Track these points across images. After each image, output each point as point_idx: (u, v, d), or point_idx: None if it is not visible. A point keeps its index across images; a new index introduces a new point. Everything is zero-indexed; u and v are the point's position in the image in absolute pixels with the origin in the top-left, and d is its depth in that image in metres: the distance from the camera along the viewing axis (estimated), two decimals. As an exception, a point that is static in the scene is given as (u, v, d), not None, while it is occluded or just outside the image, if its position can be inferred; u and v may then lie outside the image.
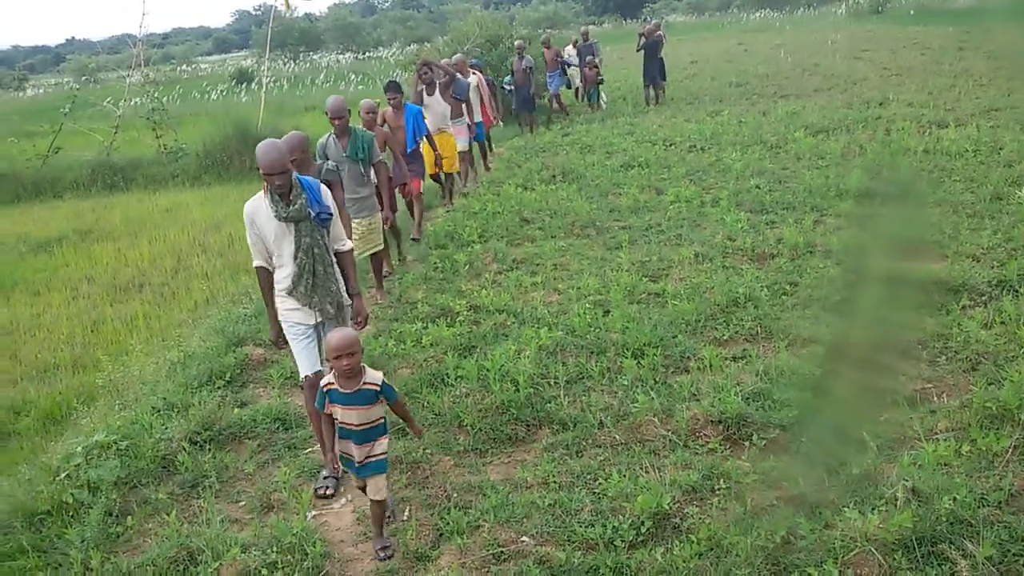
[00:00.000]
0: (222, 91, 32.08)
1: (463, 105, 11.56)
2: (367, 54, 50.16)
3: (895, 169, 9.94)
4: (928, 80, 17.56)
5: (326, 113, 7.18)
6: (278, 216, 4.60)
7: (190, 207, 13.57)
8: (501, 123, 16.23)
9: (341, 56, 50.24)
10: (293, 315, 4.83)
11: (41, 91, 45.54)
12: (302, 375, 4.81)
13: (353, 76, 32.86)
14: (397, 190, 8.74)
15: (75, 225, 12.91)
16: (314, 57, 50.97)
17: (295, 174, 4.64)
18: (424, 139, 9.46)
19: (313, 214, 4.65)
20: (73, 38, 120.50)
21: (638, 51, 18.99)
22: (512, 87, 16.77)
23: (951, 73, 18.30)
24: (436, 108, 10.56)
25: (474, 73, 12.62)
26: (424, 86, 10.43)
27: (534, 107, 17.19)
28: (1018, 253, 6.82)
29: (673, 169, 11.68)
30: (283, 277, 4.76)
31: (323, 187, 4.81)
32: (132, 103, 21.73)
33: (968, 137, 11.20)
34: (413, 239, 9.36)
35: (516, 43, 17.24)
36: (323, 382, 4.04)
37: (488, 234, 9.39)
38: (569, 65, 18.87)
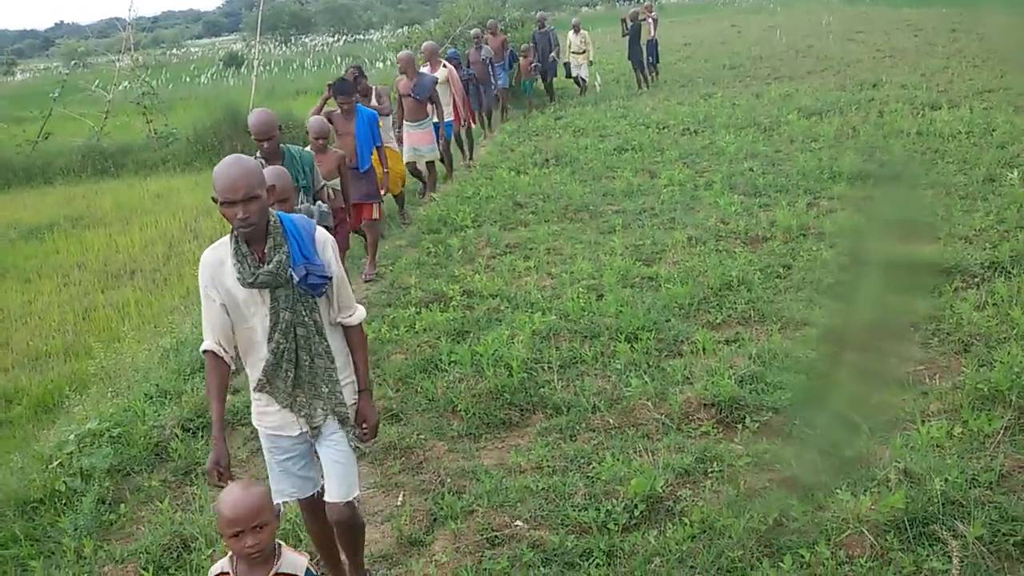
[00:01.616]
0: (212, 75, 31.89)
1: (427, 105, 10.07)
2: (358, 37, 49.88)
3: (888, 151, 9.96)
4: (921, 62, 17.53)
5: (249, 132, 5.59)
6: (242, 280, 3.12)
7: (181, 192, 13.50)
8: (490, 127, 15.37)
9: (332, 39, 49.95)
10: (267, 420, 3.39)
11: (30, 76, 45.27)
12: (275, 501, 3.06)
13: (340, 59, 32.66)
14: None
15: (66, 211, 12.84)
16: (305, 40, 50.68)
17: (278, 213, 3.23)
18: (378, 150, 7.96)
19: (296, 278, 3.14)
20: (62, 22, 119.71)
21: (624, 36, 18.91)
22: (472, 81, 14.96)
23: (944, 55, 18.27)
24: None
25: (445, 66, 11.21)
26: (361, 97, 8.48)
27: (493, 101, 15.60)
28: (1010, 235, 6.82)
29: (666, 152, 11.65)
30: (254, 365, 3.32)
31: (320, 233, 3.29)
32: (122, 87, 21.59)
33: (961, 119, 11.19)
34: (366, 279, 7.91)
35: (472, 32, 15.29)
36: (213, 572, 2.80)
37: (481, 219, 9.37)
38: (516, 60, 17.08)
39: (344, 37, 50.49)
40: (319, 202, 5.05)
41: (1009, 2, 4.86)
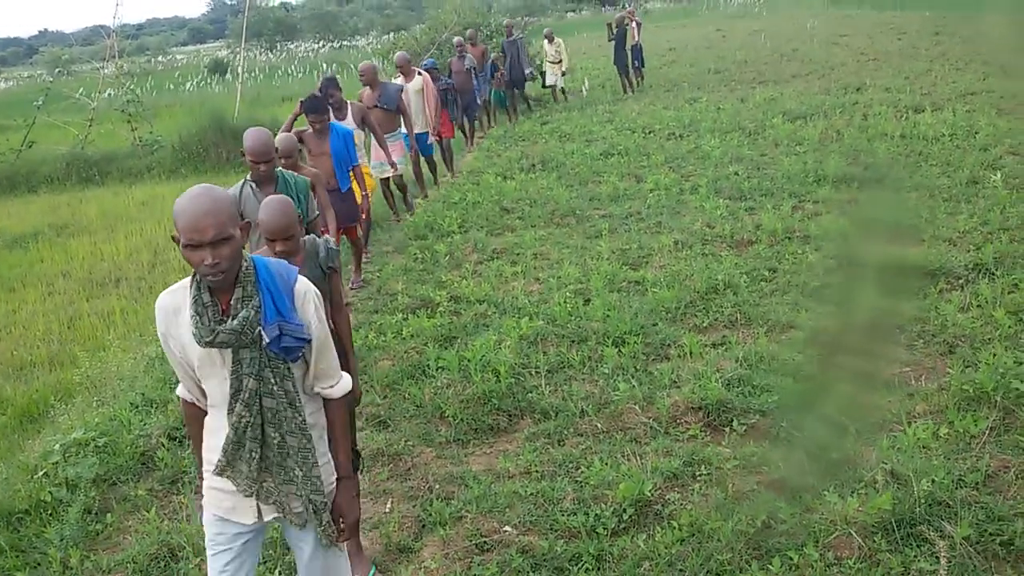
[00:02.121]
0: (197, 82, 31.80)
1: (396, 116, 9.45)
2: (344, 43, 49.83)
3: (872, 154, 10.02)
4: (905, 65, 17.64)
5: (242, 154, 5.17)
6: (198, 337, 2.52)
7: (166, 200, 13.43)
8: (470, 140, 14.72)
9: (317, 45, 49.88)
10: (218, 501, 2.76)
11: (13, 84, 45.04)
12: None
13: (325, 66, 32.63)
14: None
15: (50, 220, 12.76)
16: (290, 46, 50.60)
17: (253, 257, 2.65)
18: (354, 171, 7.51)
19: (267, 339, 2.55)
20: (46, 30, 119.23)
21: (610, 41, 18.97)
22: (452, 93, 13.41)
23: (927, 58, 18.39)
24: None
25: (420, 74, 10.60)
26: (333, 111, 7.86)
27: (475, 114, 14.97)
28: (994, 237, 6.87)
29: (652, 157, 11.68)
30: (212, 438, 2.73)
31: (301, 285, 2.67)
32: (106, 95, 21.49)
33: (944, 121, 11.27)
34: (353, 287, 7.77)
35: (455, 40, 14.63)
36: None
37: (468, 224, 9.37)
38: (498, 70, 16.34)
39: (330, 43, 50.44)
40: (326, 236, 4.33)
41: (991, 6, 4.90)
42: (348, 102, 8.36)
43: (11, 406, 6.36)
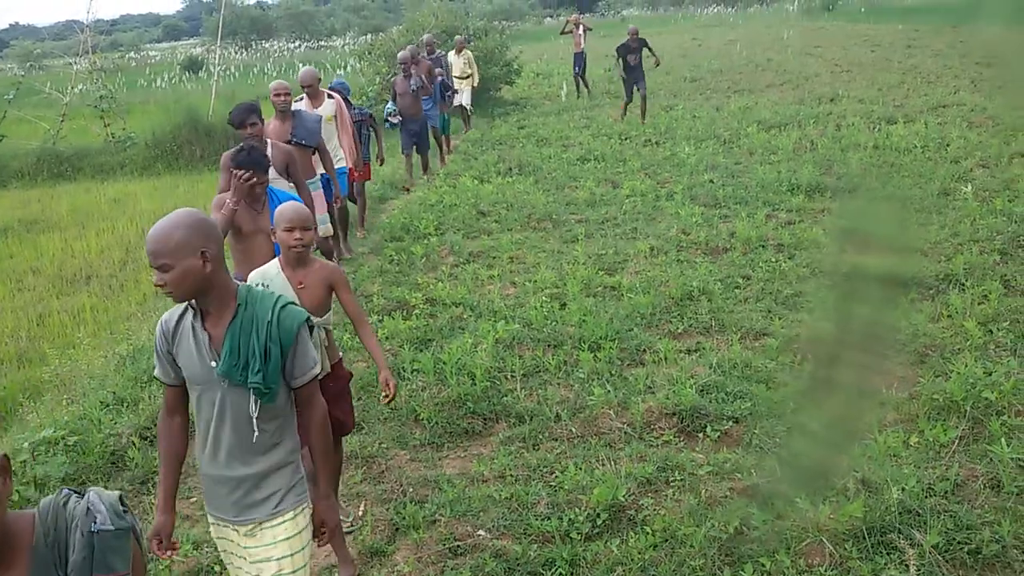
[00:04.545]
0: (170, 79, 31.51)
1: (311, 154, 7.09)
2: (320, 43, 49.62)
3: (845, 164, 10.12)
4: (878, 77, 17.86)
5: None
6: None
7: (139, 197, 13.30)
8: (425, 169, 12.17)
9: (293, 45, 49.63)
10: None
11: (-17, 77, 44.33)
12: None
13: (300, 65, 32.43)
14: None
15: (20, 215, 12.59)
16: (265, 45, 50.28)
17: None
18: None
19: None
20: (17, 23, 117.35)
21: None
22: (396, 118, 10.87)
23: (900, 70, 18.63)
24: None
25: (331, 97, 8.10)
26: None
27: (428, 144, 12.05)
28: (964, 248, 6.96)
29: (628, 163, 11.74)
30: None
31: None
32: (79, 90, 21.24)
33: (916, 133, 11.42)
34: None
35: (399, 55, 11.52)
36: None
37: (444, 227, 9.35)
38: (449, 90, 13.57)
39: (306, 43, 50.21)
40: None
41: (965, 19, 4.98)
42: (269, 141, 6.12)
43: (-22, 404, 6.27)
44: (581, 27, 19.78)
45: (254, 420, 2.69)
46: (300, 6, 60.46)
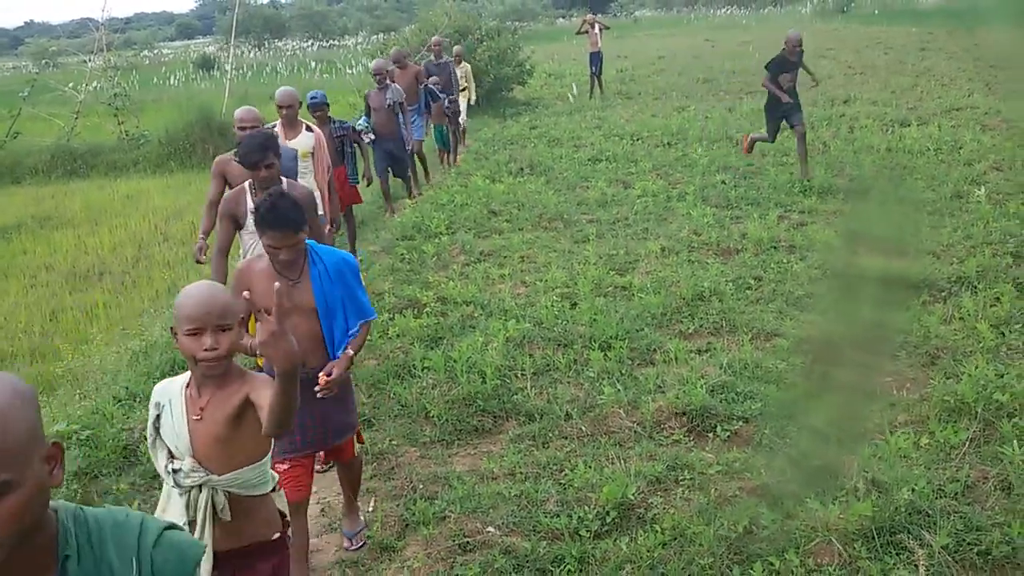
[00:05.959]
0: (184, 77, 31.65)
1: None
2: (333, 43, 49.73)
3: (858, 166, 10.10)
4: (891, 79, 17.80)
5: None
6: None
7: (151, 194, 13.37)
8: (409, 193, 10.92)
9: (306, 44, 49.76)
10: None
11: (-2, 74, 44.61)
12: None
13: (314, 64, 32.57)
14: None
15: (34, 211, 12.66)
16: (278, 44, 50.44)
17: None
18: None
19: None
20: (32, 21, 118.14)
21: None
22: (369, 136, 9.49)
23: (913, 72, 18.56)
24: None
25: (310, 130, 6.62)
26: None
27: (407, 164, 10.46)
28: (977, 250, 6.95)
29: (640, 163, 11.73)
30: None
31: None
32: (93, 88, 21.34)
33: (929, 136, 11.38)
34: None
35: (373, 63, 10.20)
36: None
37: (455, 226, 9.37)
38: (435, 98, 11.80)
39: (319, 42, 50.33)
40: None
41: (978, 22, 4.96)
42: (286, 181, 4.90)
43: (-9, 398, 6.30)
44: (597, 26, 19.75)
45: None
46: (313, 5, 60.65)
